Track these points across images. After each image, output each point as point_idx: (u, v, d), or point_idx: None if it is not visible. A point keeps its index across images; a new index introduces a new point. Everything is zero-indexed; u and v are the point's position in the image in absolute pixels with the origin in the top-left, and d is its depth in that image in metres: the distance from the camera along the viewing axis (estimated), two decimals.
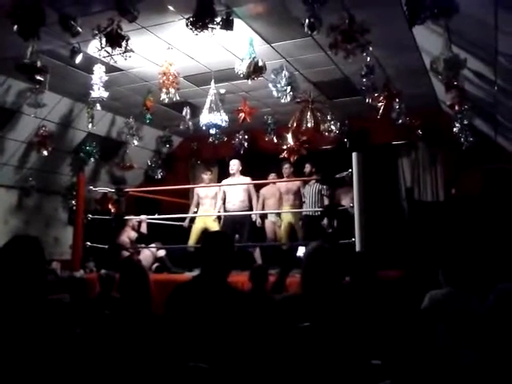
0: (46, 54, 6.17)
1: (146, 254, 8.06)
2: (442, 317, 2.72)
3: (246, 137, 9.67)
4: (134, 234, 8.22)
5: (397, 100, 7.03)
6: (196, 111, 7.94)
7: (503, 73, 5.55)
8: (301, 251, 7.24)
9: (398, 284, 5.07)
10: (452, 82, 5.26)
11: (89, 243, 7.65)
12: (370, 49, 5.23)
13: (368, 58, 5.86)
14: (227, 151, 9.54)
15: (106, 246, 7.82)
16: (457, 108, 6.09)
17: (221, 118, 7.09)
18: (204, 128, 7.28)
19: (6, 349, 2.06)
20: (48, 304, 2.30)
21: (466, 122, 7.50)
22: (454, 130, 7.58)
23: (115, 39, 5.18)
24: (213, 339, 2.50)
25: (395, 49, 6.29)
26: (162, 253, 8.21)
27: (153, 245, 8.29)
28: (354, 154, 6.38)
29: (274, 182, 8.30)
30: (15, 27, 4.82)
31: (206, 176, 8.56)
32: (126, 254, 7.98)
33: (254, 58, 5.75)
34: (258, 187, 8.27)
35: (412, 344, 1.80)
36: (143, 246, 8.21)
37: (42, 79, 5.69)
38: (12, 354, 2.05)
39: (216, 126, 7.20)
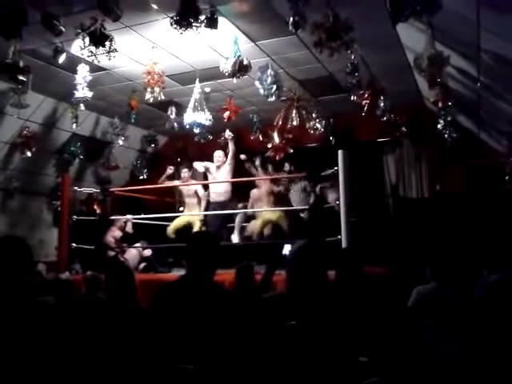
0: (28, 54, 6.11)
1: (132, 254, 8.02)
2: (428, 312, 2.73)
3: (232, 135, 9.64)
4: (119, 234, 8.18)
5: (381, 97, 7.07)
6: (181, 110, 7.91)
7: (486, 69, 5.60)
8: (286, 249, 7.24)
9: (383, 280, 5.10)
10: (435, 79, 5.29)
11: (74, 244, 7.60)
12: (355, 46, 5.25)
13: (353, 56, 5.89)
14: (213, 150, 9.53)
15: (92, 247, 7.77)
16: (440, 105, 6.12)
17: (205, 117, 7.09)
18: (188, 127, 7.28)
19: None
20: (34, 306, 2.28)
21: (449, 119, 7.56)
22: (438, 126, 7.64)
23: (99, 39, 5.14)
24: (200, 339, 2.50)
25: (379, 46, 6.31)
26: (148, 252, 8.18)
27: (138, 244, 8.26)
28: (339, 152, 6.40)
29: (258, 179, 8.26)
30: None
31: (184, 173, 8.56)
32: (111, 254, 7.94)
33: (239, 56, 5.75)
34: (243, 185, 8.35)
35: (398, 340, 1.81)
36: (128, 245, 8.17)
37: (24, 79, 5.64)
38: None
39: (200, 125, 7.21)
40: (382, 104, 7.22)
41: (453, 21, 4.80)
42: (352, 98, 6.59)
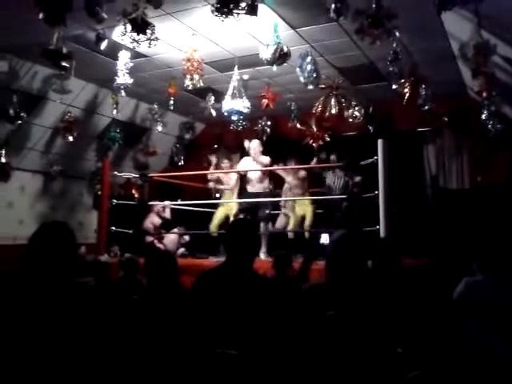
0: (71, 40, 6.20)
1: (171, 239, 8.13)
2: (475, 306, 2.66)
3: (269, 123, 9.62)
4: (157, 220, 8.29)
5: (423, 86, 6.92)
6: (219, 97, 7.92)
7: None
8: (324, 238, 7.20)
9: (422, 271, 5.03)
10: (480, 68, 5.15)
11: (114, 228, 7.74)
12: (397, 34, 5.15)
13: (394, 44, 5.77)
14: (250, 137, 9.52)
15: (131, 231, 7.90)
16: (485, 94, 5.95)
17: (243, 105, 7.07)
18: (226, 114, 7.28)
19: (39, 332, 2.10)
20: (76, 287, 2.34)
21: (493, 109, 7.36)
22: (482, 116, 7.43)
23: (140, 26, 5.16)
24: (240, 326, 2.52)
25: (422, 34, 6.16)
26: (186, 238, 8.28)
27: (175, 230, 8.36)
28: (379, 141, 6.30)
29: (293, 169, 8.15)
30: (41, 15, 4.84)
31: (224, 164, 8.56)
32: (149, 239, 8.07)
33: (279, 43, 5.70)
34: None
35: (443, 334, 1.79)
36: (165, 231, 8.28)
37: (67, 65, 5.72)
38: (45, 336, 2.09)
39: (238, 112, 7.19)
40: (423, 93, 7.08)
41: (500, 8, 4.65)
42: (393, 86, 6.48)
